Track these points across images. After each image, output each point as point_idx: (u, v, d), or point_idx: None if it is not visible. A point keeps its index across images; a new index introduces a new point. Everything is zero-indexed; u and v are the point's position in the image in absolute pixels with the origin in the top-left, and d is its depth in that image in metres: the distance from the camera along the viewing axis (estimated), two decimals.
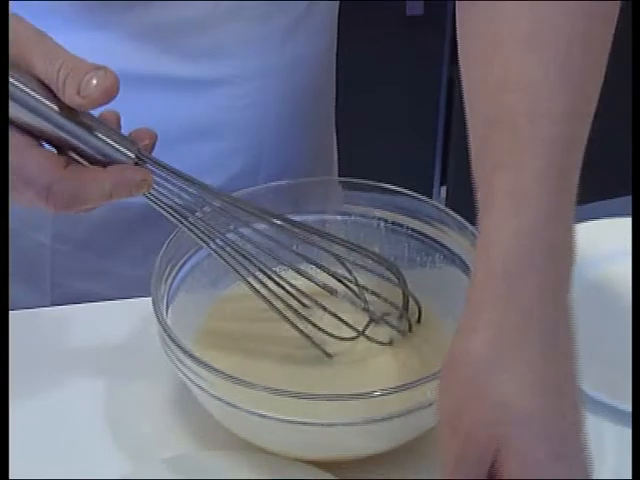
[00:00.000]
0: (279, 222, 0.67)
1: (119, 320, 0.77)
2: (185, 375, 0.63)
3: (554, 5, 0.58)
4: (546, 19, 0.58)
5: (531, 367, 0.52)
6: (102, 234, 0.88)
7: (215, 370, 0.60)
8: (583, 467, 0.52)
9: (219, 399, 0.61)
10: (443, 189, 2.06)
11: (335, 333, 0.69)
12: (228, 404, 0.61)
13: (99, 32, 0.78)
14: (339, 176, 0.96)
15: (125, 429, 0.70)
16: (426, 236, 0.74)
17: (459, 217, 0.71)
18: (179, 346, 0.62)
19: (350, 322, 0.69)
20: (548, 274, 0.53)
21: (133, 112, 0.63)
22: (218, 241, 0.65)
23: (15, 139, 0.58)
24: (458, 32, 0.64)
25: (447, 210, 0.71)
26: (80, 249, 0.89)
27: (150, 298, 0.67)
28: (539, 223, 0.54)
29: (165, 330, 0.63)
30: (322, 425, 0.60)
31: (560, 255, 0.54)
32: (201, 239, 0.65)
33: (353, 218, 0.75)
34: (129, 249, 0.89)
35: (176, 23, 0.79)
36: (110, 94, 0.57)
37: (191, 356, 0.62)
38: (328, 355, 0.69)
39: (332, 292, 0.68)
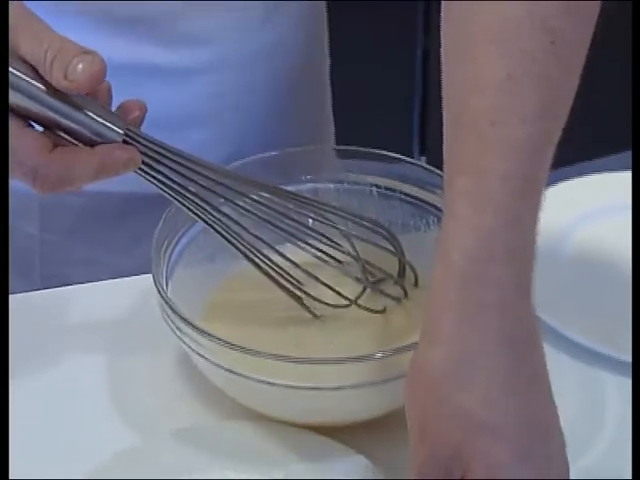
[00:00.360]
0: (274, 194, 0.67)
1: (116, 299, 0.78)
2: (188, 346, 0.63)
3: (526, 5, 0.56)
4: (516, 19, 0.56)
5: (491, 375, 0.52)
6: (88, 223, 0.88)
7: (218, 339, 0.61)
8: (555, 467, 0.53)
9: (222, 368, 0.62)
10: (423, 159, 2.07)
11: (329, 301, 0.69)
12: (231, 372, 0.61)
13: (76, 21, 0.78)
14: None
15: (129, 404, 0.70)
16: (419, 199, 0.74)
17: None
18: (182, 317, 0.62)
19: (345, 291, 0.69)
20: (508, 281, 0.53)
21: (113, 102, 0.63)
22: (212, 215, 0.65)
23: None
24: (441, 32, 0.62)
25: (439, 172, 0.71)
26: (68, 238, 0.89)
27: (146, 276, 0.67)
28: (500, 228, 0.53)
29: (167, 302, 0.64)
30: (327, 389, 0.61)
31: (521, 260, 0.53)
32: (195, 213, 0.65)
33: (346, 186, 0.75)
34: (116, 238, 0.89)
35: (153, 12, 0.80)
36: (97, 79, 0.57)
37: (193, 326, 0.62)
38: (316, 317, 0.69)
39: (327, 262, 0.69)
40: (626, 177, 0.85)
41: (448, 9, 0.61)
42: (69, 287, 0.79)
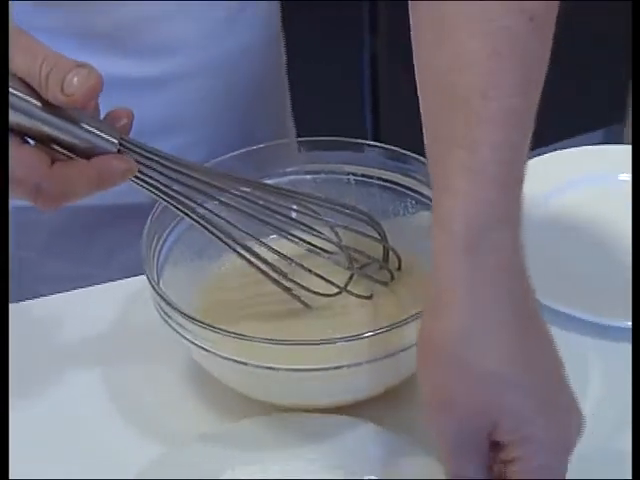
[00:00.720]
0: (265, 190, 0.69)
1: (105, 304, 0.79)
2: (190, 341, 0.64)
3: None
4: (491, 4, 0.58)
5: (507, 334, 0.54)
6: (62, 239, 0.89)
7: (220, 329, 0.62)
8: (574, 417, 0.55)
9: (227, 358, 0.63)
10: None
11: (320, 290, 0.71)
12: (236, 362, 0.63)
13: (44, 37, 0.79)
14: None
15: (131, 408, 0.71)
16: (396, 184, 0.76)
17: (421, 157, 0.73)
18: (181, 312, 0.64)
19: (333, 278, 0.71)
20: (508, 245, 0.55)
21: None
22: (207, 217, 0.67)
23: None
24: (411, 22, 0.64)
25: (414, 155, 0.74)
26: (42, 255, 0.90)
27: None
28: (496, 197, 0.55)
29: (164, 299, 0.65)
30: (329, 369, 0.62)
31: (515, 225, 0.56)
32: (190, 217, 0.66)
33: (323, 176, 0.77)
34: (90, 252, 0.90)
35: (120, 25, 0.81)
36: (93, 93, 0.57)
37: (193, 319, 0.63)
38: (308, 306, 0.71)
39: (314, 252, 0.70)
40: (591, 150, 0.90)
41: (425, 9, 0.62)
42: (57, 295, 0.80)
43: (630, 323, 0.71)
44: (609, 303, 0.74)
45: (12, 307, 0.74)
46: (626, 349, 0.69)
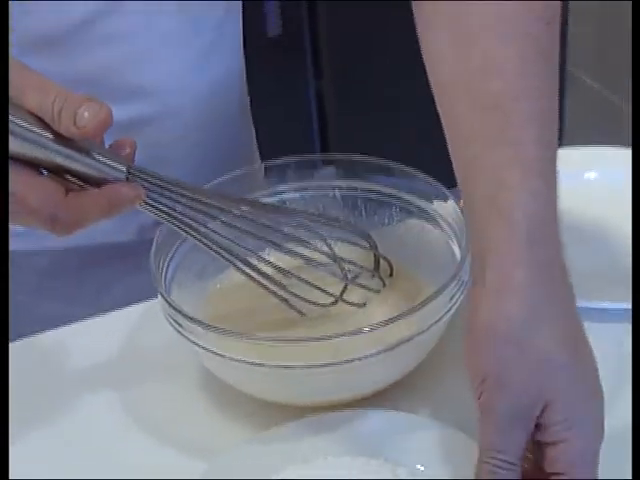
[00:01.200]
0: (257, 207, 0.72)
1: (108, 332, 0.80)
2: (205, 349, 0.67)
3: None
4: (513, 8, 0.63)
5: (561, 321, 0.58)
6: (54, 280, 0.91)
7: (235, 333, 0.65)
8: (602, 408, 0.59)
9: (243, 362, 0.66)
10: None
11: (317, 300, 0.74)
12: (252, 364, 0.65)
13: None
14: None
15: (153, 428, 0.72)
16: (380, 193, 0.80)
17: (402, 166, 0.78)
18: (197, 320, 0.66)
19: (329, 288, 0.74)
20: (556, 240, 0.59)
21: None
22: (211, 237, 0.69)
23: (16, 171, 0.59)
24: (420, 35, 0.68)
25: (392, 164, 0.78)
26: (36, 297, 0.91)
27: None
28: (545, 192, 0.59)
29: (178, 310, 0.67)
30: (343, 363, 0.66)
31: (557, 220, 0.60)
32: (196, 238, 0.68)
33: (310, 192, 0.81)
34: (83, 291, 0.92)
35: (93, 68, 0.82)
36: (105, 125, 0.59)
37: (209, 326, 0.66)
38: (304, 315, 0.74)
39: (310, 265, 0.73)
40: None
41: (425, 12, 0.67)
42: (61, 329, 0.82)
43: (611, 304, 0.76)
44: (589, 288, 0.78)
45: (19, 343, 0.77)
46: (613, 329, 0.73)
